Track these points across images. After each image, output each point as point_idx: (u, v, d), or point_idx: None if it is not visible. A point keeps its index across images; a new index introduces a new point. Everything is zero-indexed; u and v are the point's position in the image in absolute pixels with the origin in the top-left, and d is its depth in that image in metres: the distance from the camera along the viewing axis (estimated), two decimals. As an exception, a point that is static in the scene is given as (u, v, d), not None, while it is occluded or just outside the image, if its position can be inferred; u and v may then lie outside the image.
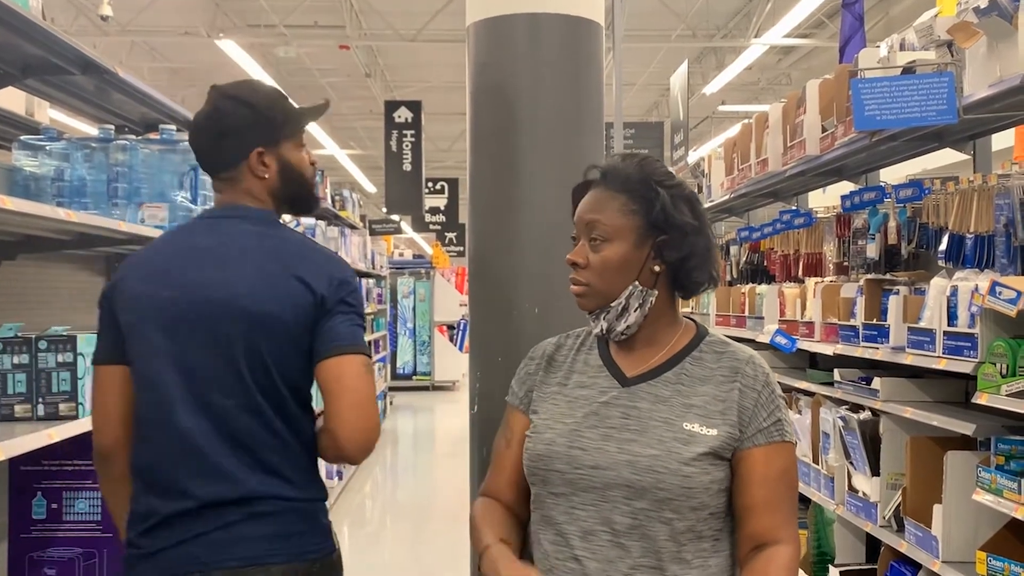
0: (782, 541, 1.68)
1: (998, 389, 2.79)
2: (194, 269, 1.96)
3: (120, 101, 4.07)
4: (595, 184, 1.77)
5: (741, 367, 1.73)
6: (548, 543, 1.71)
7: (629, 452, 1.65)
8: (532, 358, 1.88)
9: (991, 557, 2.88)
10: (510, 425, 1.84)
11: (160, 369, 1.92)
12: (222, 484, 1.87)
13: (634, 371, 1.75)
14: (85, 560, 2.87)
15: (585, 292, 1.75)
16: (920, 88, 3.06)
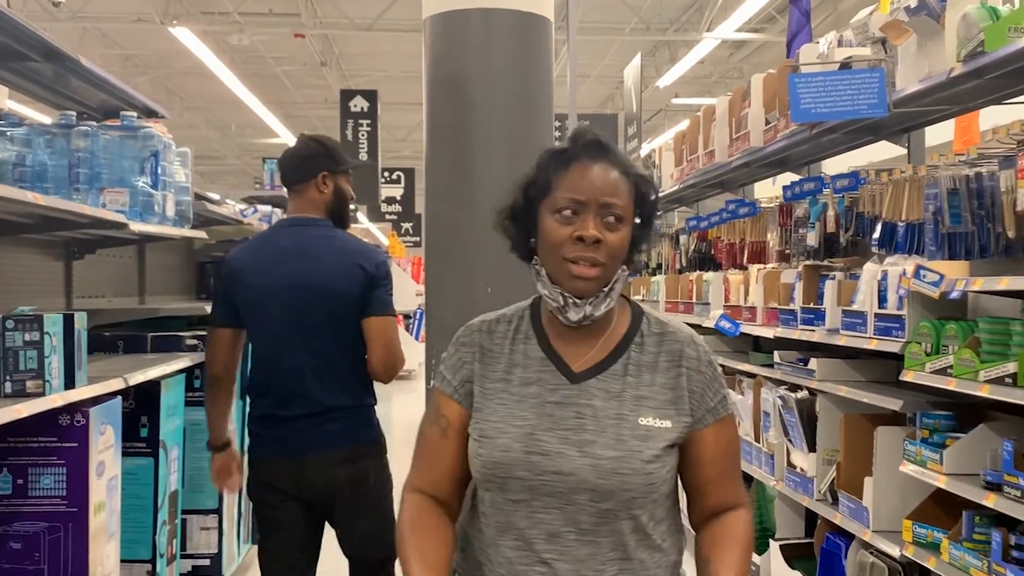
0: (738, 505, 1.73)
1: (923, 367, 2.97)
2: (292, 264, 3.02)
3: (79, 88, 4.13)
4: (600, 159, 1.65)
5: (683, 350, 1.71)
6: (510, 549, 1.65)
7: (591, 455, 1.61)
8: (463, 344, 1.77)
9: (916, 525, 3.07)
10: (443, 414, 1.74)
11: (276, 329, 3.02)
12: (311, 400, 2.98)
13: (580, 364, 1.68)
14: (50, 534, 2.94)
15: (599, 274, 1.62)
16: (853, 83, 3.23)
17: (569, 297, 1.63)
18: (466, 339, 1.77)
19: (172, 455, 4.02)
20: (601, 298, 1.64)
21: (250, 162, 24.28)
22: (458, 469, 1.73)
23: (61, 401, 2.75)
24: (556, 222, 1.63)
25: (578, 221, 1.61)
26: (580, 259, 1.60)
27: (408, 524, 1.71)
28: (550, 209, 1.64)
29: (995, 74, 3.10)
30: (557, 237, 1.62)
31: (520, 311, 1.78)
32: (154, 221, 3.64)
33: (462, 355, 1.75)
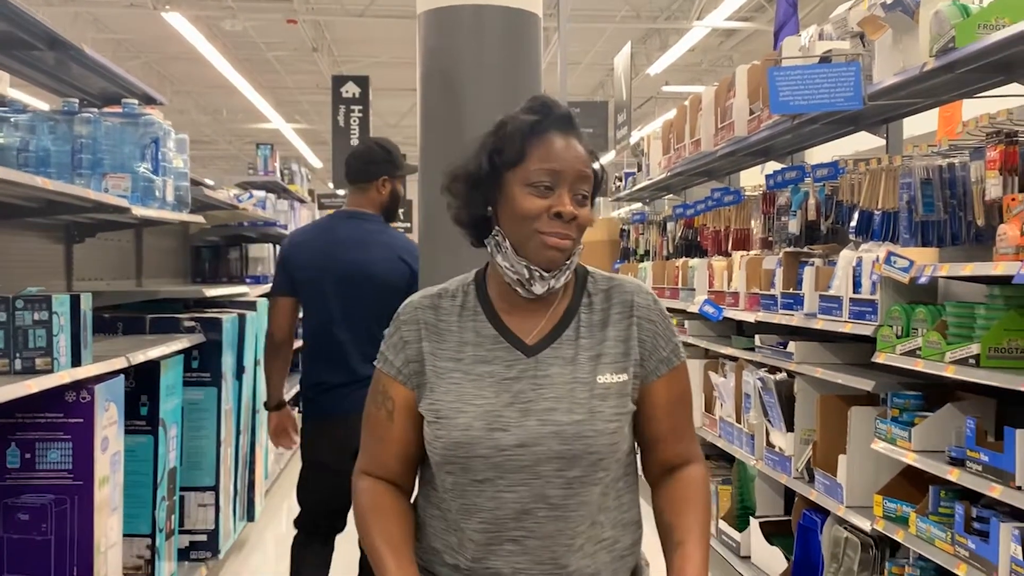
0: (692, 460, 1.72)
1: (893, 349, 3.11)
2: (348, 251, 3.50)
3: (80, 75, 4.22)
4: (569, 133, 1.63)
5: (633, 299, 1.69)
6: (476, 531, 1.61)
7: (553, 423, 1.59)
8: (405, 323, 1.70)
9: (886, 500, 3.21)
10: (389, 395, 1.69)
11: (328, 307, 3.49)
12: (351, 370, 3.43)
13: (532, 337, 1.66)
14: (57, 506, 3.06)
15: (570, 249, 1.61)
16: (830, 76, 3.36)
17: (536, 270, 1.60)
18: (407, 317, 1.71)
19: (171, 433, 4.14)
20: (563, 271, 1.63)
21: (242, 147, 24.31)
22: (407, 450, 1.69)
23: (68, 378, 2.87)
24: (530, 194, 1.59)
25: (553, 195, 1.58)
26: (556, 233, 1.58)
27: (369, 508, 1.67)
28: (523, 182, 1.59)
29: (966, 68, 3.23)
30: (532, 209, 1.58)
31: (463, 285, 1.73)
32: (154, 206, 3.75)
33: (403, 334, 1.69)
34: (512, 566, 1.60)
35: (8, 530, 3.03)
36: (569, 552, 1.60)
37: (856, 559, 3.49)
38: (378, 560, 1.61)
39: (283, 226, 7.31)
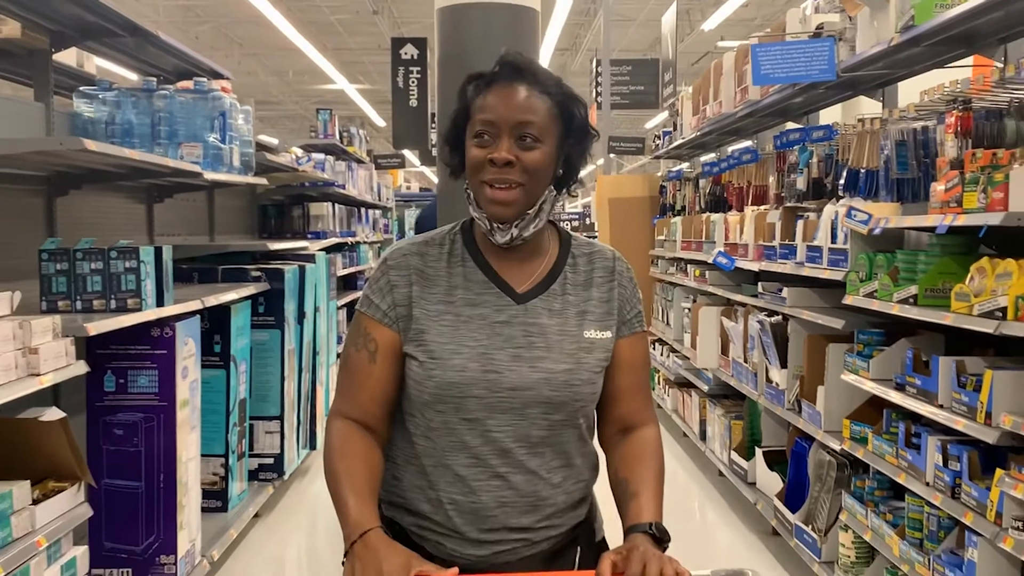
0: (647, 423, 1.78)
1: (858, 291, 3.55)
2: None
3: (156, 55, 4.79)
4: (516, 81, 1.64)
5: (614, 265, 1.78)
6: (463, 468, 1.66)
7: (544, 370, 1.65)
8: (393, 267, 1.72)
9: (853, 423, 3.67)
10: (373, 338, 1.69)
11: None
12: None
13: (522, 285, 1.71)
14: (145, 423, 3.68)
15: (518, 196, 1.62)
16: (806, 52, 3.77)
17: (492, 221, 1.65)
18: (395, 262, 1.73)
19: (241, 368, 4.76)
20: (528, 219, 1.66)
21: (308, 107, 24.98)
22: (386, 393, 1.70)
23: (153, 316, 3.46)
24: (474, 146, 1.63)
25: (493, 144, 1.62)
26: (495, 181, 1.61)
27: (337, 450, 1.66)
28: (471, 134, 1.65)
29: (930, 42, 3.61)
30: (475, 159, 1.63)
31: (449, 235, 1.77)
32: (223, 170, 4.33)
33: (391, 278, 1.71)
34: (497, 499, 1.66)
35: (106, 442, 3.66)
36: (549, 486, 1.68)
37: (834, 477, 3.96)
38: (339, 499, 1.59)
39: (340, 186, 7.87)
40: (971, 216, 2.75)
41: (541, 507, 1.68)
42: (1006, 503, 2.62)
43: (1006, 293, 2.60)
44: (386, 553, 1.49)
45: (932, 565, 3.00)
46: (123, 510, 3.64)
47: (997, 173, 2.67)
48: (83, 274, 3.35)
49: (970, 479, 2.82)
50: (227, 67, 17.73)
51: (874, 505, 3.50)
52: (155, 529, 3.68)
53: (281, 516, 5.35)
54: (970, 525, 2.78)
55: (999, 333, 2.60)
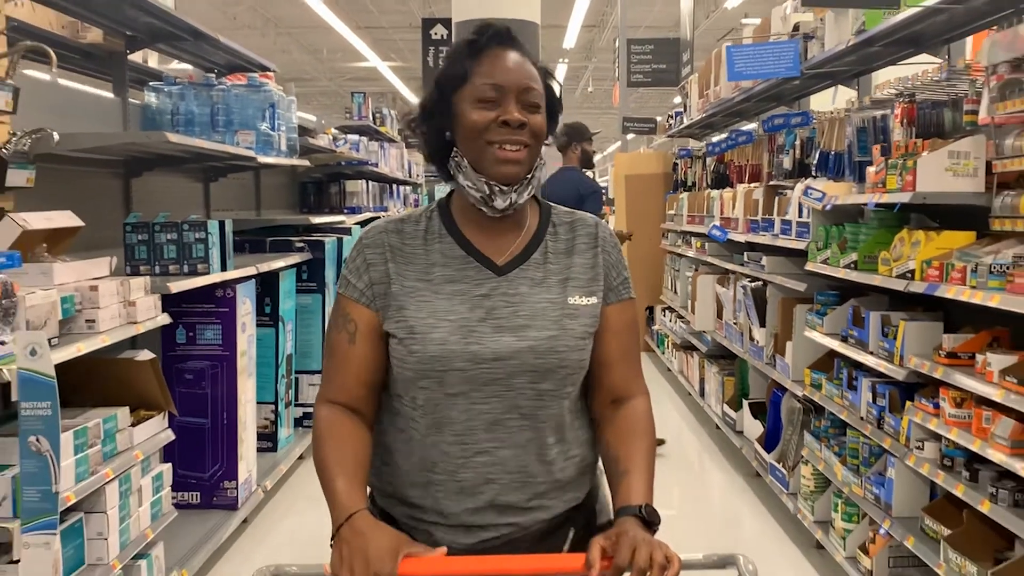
0: (637, 393, 1.74)
1: (816, 259, 4.13)
2: (547, 186, 5.51)
3: (210, 51, 5.43)
4: (510, 48, 1.65)
5: (596, 231, 1.76)
6: (448, 444, 1.64)
7: (528, 338, 1.62)
8: (368, 246, 1.70)
9: (812, 372, 4.27)
10: (351, 318, 1.68)
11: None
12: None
13: (502, 257, 1.69)
14: (211, 370, 4.35)
15: (526, 156, 1.63)
16: (775, 51, 4.34)
17: (495, 185, 1.63)
18: (371, 240, 1.72)
19: (287, 328, 5.43)
20: (524, 185, 1.66)
21: (341, 84, 25.62)
22: (370, 374, 1.68)
23: (218, 279, 4.12)
24: (476, 109, 1.61)
25: (500, 107, 1.61)
26: (506, 141, 1.61)
27: (324, 435, 1.65)
28: (470, 99, 1.62)
29: (883, 43, 4.17)
30: (480, 121, 1.61)
31: (425, 213, 1.76)
32: (272, 154, 4.97)
33: (367, 256, 1.70)
34: (484, 476, 1.63)
35: (179, 386, 4.34)
36: (539, 462, 1.66)
37: (800, 420, 4.57)
38: (327, 484, 1.59)
39: (374, 164, 8.51)
40: (891, 195, 3.33)
41: (530, 484, 1.66)
42: (913, 429, 3.22)
43: (915, 258, 3.18)
44: (372, 535, 1.48)
45: (864, 485, 3.61)
46: (193, 443, 4.33)
47: (909, 160, 3.25)
48: (160, 243, 4.01)
49: (890, 412, 3.42)
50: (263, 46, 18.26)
51: (827, 440, 4.11)
52: (219, 459, 4.37)
53: (322, 460, 6.02)
54: (889, 449, 3.39)
55: (907, 291, 3.19)
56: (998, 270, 2.74)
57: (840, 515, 3.86)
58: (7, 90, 3.12)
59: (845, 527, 3.82)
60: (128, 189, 4.60)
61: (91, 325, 3.05)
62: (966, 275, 2.89)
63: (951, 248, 3.11)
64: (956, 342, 3.03)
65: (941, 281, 3.02)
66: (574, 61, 22.92)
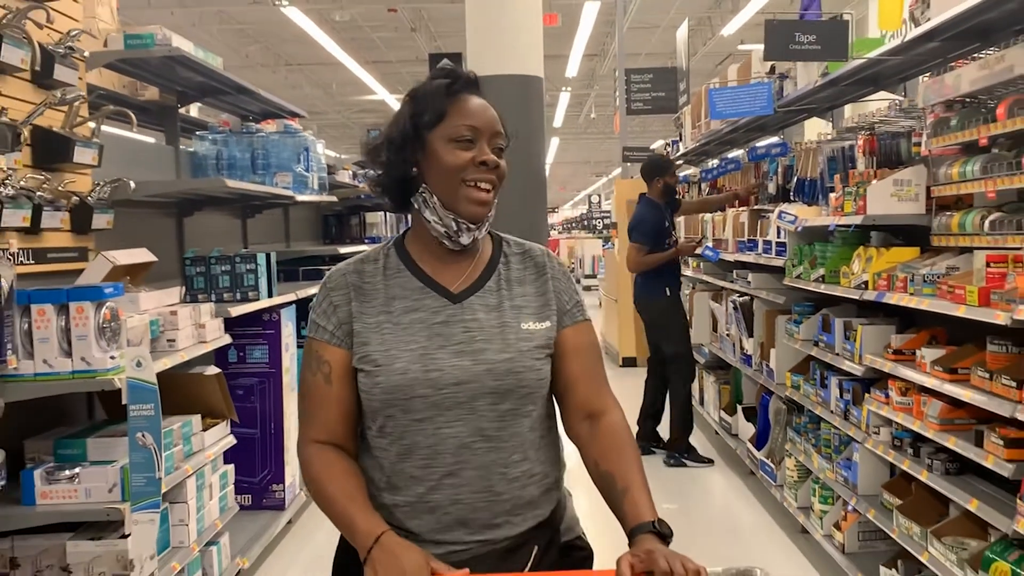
0: (610, 408, 1.80)
1: (792, 276, 4.68)
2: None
3: (246, 101, 6.02)
4: (477, 95, 1.76)
5: (545, 261, 1.85)
6: (417, 469, 1.69)
7: (485, 361, 1.68)
8: (333, 289, 1.78)
9: (792, 375, 4.80)
10: (324, 359, 1.74)
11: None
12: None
13: (457, 286, 1.77)
14: (259, 385, 4.91)
15: (492, 198, 1.73)
16: (750, 93, 4.91)
17: (463, 222, 1.71)
18: (334, 283, 1.79)
19: (320, 348, 5.98)
20: (484, 222, 1.75)
21: (350, 116, 26.32)
22: (348, 411, 1.74)
23: (267, 304, 4.69)
24: (454, 149, 1.69)
25: (475, 147, 1.69)
26: (481, 180, 1.70)
27: (321, 472, 1.71)
28: (445, 138, 1.70)
29: (846, 83, 4.74)
30: (457, 162, 1.69)
31: (382, 251, 1.83)
32: (307, 193, 5.56)
33: (332, 299, 1.76)
34: (451, 497, 1.69)
35: (232, 400, 4.89)
36: (504, 481, 1.71)
37: (784, 420, 5.10)
38: (342, 516, 1.65)
39: (391, 196, 9.10)
40: (848, 217, 3.89)
41: (496, 502, 1.70)
42: (871, 417, 3.76)
43: (868, 271, 3.73)
44: (404, 553, 1.55)
45: (836, 469, 4.14)
46: (244, 450, 4.87)
47: (862, 187, 3.80)
48: (216, 274, 4.58)
49: (854, 404, 3.96)
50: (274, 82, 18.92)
51: (806, 434, 4.64)
52: (268, 464, 4.92)
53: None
54: (853, 436, 3.92)
55: (862, 299, 3.74)
56: (931, 279, 3.28)
57: (817, 499, 4.40)
58: (93, 147, 3.70)
59: (822, 508, 4.35)
60: (181, 227, 5.18)
61: (171, 344, 3.61)
62: (907, 284, 3.43)
63: (898, 262, 3.66)
64: (901, 341, 3.58)
65: (888, 290, 3.57)
66: (577, 89, 23.55)
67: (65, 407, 3.72)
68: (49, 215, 3.43)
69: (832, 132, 5.72)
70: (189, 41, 4.53)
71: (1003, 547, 2.81)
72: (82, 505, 3.05)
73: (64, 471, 3.08)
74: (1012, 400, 2.68)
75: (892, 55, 3.97)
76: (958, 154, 3.52)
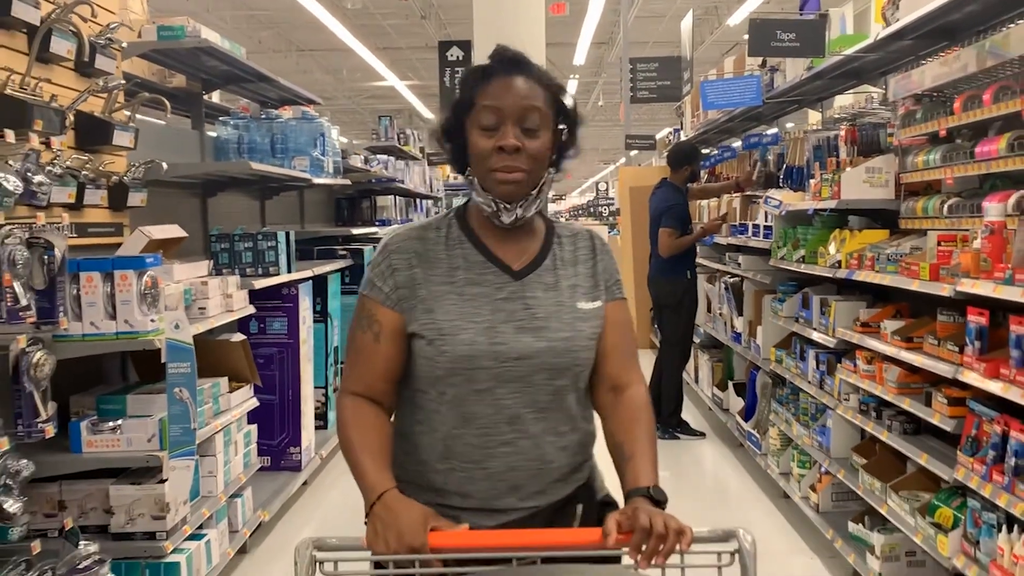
0: (634, 382, 1.86)
1: (777, 257, 5.00)
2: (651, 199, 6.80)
3: (265, 88, 6.35)
4: (515, 73, 1.74)
5: (593, 242, 1.91)
6: (474, 436, 1.75)
7: (546, 339, 1.74)
8: (394, 252, 1.81)
9: (776, 350, 5.13)
10: (376, 319, 1.78)
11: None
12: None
13: (517, 263, 1.81)
14: (279, 355, 5.26)
15: (523, 179, 1.73)
16: (740, 85, 5.22)
17: (500, 202, 1.75)
18: (396, 246, 1.81)
19: (334, 323, 6.33)
20: (531, 200, 1.77)
21: (360, 102, 26.60)
22: (391, 370, 1.79)
23: (286, 279, 5.03)
24: (480, 135, 1.73)
25: (498, 133, 1.71)
26: (502, 169, 1.71)
27: (350, 422, 1.78)
28: (476, 125, 1.73)
29: (830, 76, 5.05)
30: (482, 149, 1.72)
31: (444, 221, 1.87)
32: (323, 176, 5.88)
33: (392, 261, 1.79)
34: (507, 464, 1.76)
35: (252, 369, 5.24)
36: (554, 449, 1.79)
37: (770, 393, 5.43)
38: (357, 465, 1.72)
39: (401, 181, 9.42)
40: (824, 202, 4.21)
41: (547, 470, 1.78)
42: (842, 385, 4.09)
43: (841, 252, 4.05)
44: (403, 510, 1.61)
45: (812, 435, 4.48)
46: (264, 415, 5.21)
47: (837, 174, 4.12)
48: (239, 250, 4.92)
49: (828, 374, 4.28)
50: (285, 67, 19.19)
51: (787, 405, 4.98)
52: (286, 429, 5.27)
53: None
54: (827, 404, 4.25)
55: (835, 277, 4.07)
56: (894, 258, 3.60)
57: (796, 463, 4.73)
58: (130, 131, 4.04)
59: (800, 472, 4.68)
60: (205, 206, 5.51)
61: (202, 311, 3.96)
62: (874, 263, 3.75)
63: (868, 243, 3.97)
64: (869, 315, 3.90)
65: (858, 268, 3.89)
66: (584, 77, 23.81)
67: (102, 369, 4.06)
68: (91, 192, 3.78)
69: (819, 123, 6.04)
70: (214, 32, 4.86)
71: (947, 495, 3.15)
72: (124, 453, 3.41)
73: (107, 423, 3.43)
74: (954, 363, 3.00)
75: (867, 52, 4.27)
76: (925, 144, 3.84)
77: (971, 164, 3.29)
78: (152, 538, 3.42)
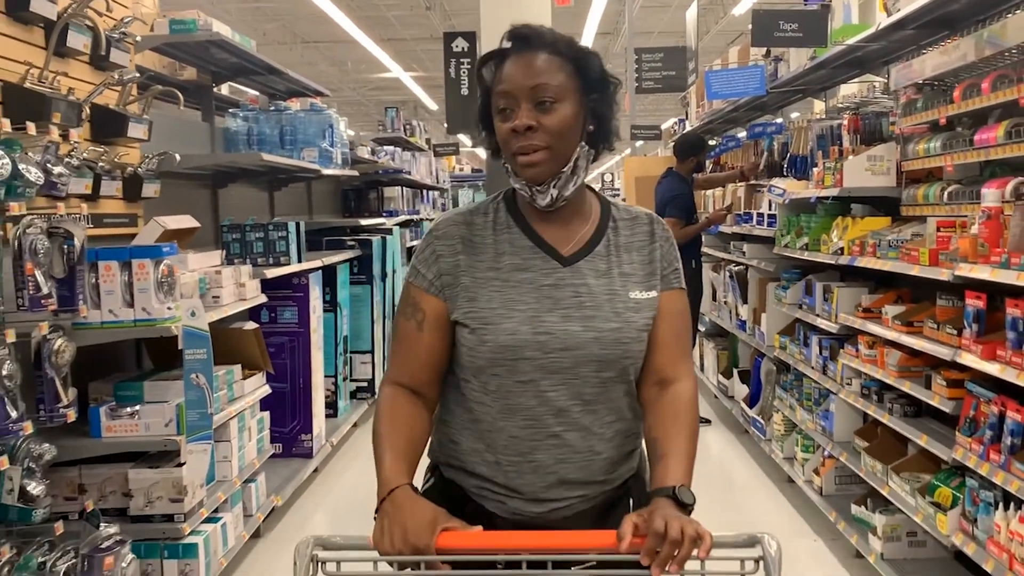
0: (682, 377, 1.77)
1: (781, 245, 5.07)
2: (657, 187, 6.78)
3: (274, 80, 6.42)
4: (527, 49, 1.67)
5: (654, 228, 1.81)
6: (519, 429, 1.70)
7: (594, 329, 1.67)
8: (439, 237, 1.76)
9: (781, 336, 5.20)
10: (420, 307, 1.74)
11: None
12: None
13: (568, 248, 1.74)
14: (290, 343, 5.34)
15: (545, 157, 1.65)
16: (744, 75, 5.28)
17: (532, 185, 1.68)
18: (442, 232, 1.76)
19: (343, 313, 6.41)
20: (565, 178, 1.69)
21: (365, 93, 26.65)
22: (434, 360, 1.75)
23: (296, 269, 5.11)
24: (500, 121, 1.67)
25: (513, 116, 1.65)
26: (520, 150, 1.65)
27: (384, 413, 1.73)
28: (495, 110, 1.68)
29: (833, 65, 5.11)
30: (502, 135, 1.67)
31: (492, 204, 1.81)
32: (332, 167, 5.96)
33: (436, 248, 1.75)
34: (555, 456, 1.70)
35: (263, 357, 5.33)
36: (602, 441, 1.73)
37: (774, 380, 5.50)
38: (378, 459, 1.66)
39: (407, 172, 9.49)
40: (827, 190, 4.27)
41: (596, 462, 1.72)
42: (844, 370, 4.16)
43: (844, 239, 4.12)
44: (411, 510, 1.55)
45: (815, 420, 4.55)
46: (276, 403, 5.30)
47: (840, 163, 4.18)
48: (251, 240, 5.00)
49: (831, 359, 4.36)
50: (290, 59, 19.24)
51: (791, 390, 5.05)
52: (297, 416, 5.36)
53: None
54: (830, 389, 4.32)
55: (837, 263, 4.13)
56: (895, 244, 3.67)
57: (800, 448, 4.81)
58: (144, 123, 4.11)
59: (804, 457, 4.76)
60: (216, 197, 5.59)
61: (216, 300, 4.04)
62: (876, 250, 3.82)
63: (869, 230, 4.04)
64: (870, 300, 3.97)
65: (860, 255, 3.95)
66: (589, 67, 23.75)
67: (118, 356, 4.15)
68: (106, 184, 3.86)
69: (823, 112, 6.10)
70: (225, 25, 4.93)
71: (946, 475, 3.22)
72: (142, 437, 3.49)
73: (126, 408, 3.51)
74: (953, 346, 3.07)
75: (870, 41, 4.33)
76: (925, 132, 3.90)
77: (971, 151, 3.36)
78: (170, 520, 3.51)
